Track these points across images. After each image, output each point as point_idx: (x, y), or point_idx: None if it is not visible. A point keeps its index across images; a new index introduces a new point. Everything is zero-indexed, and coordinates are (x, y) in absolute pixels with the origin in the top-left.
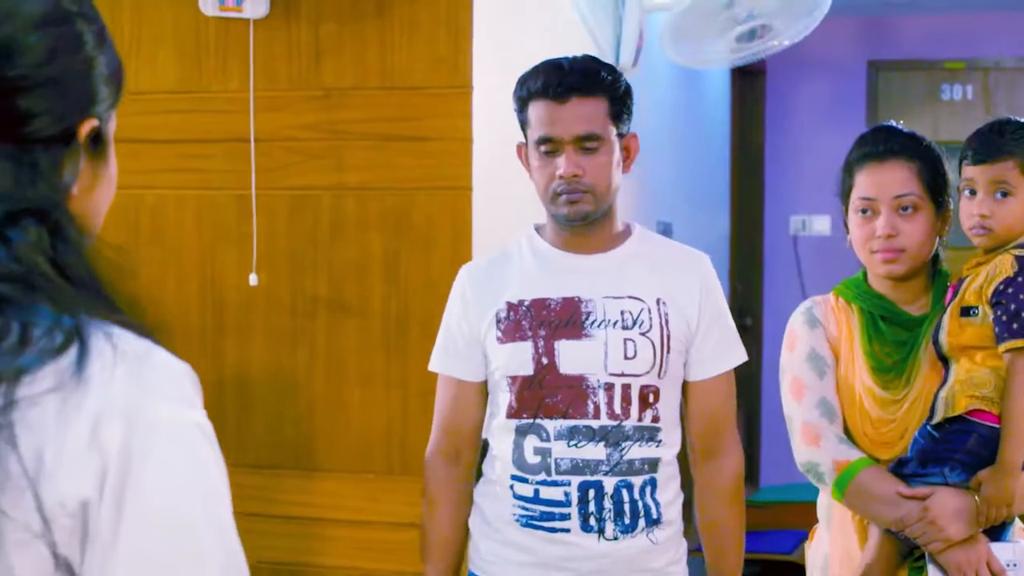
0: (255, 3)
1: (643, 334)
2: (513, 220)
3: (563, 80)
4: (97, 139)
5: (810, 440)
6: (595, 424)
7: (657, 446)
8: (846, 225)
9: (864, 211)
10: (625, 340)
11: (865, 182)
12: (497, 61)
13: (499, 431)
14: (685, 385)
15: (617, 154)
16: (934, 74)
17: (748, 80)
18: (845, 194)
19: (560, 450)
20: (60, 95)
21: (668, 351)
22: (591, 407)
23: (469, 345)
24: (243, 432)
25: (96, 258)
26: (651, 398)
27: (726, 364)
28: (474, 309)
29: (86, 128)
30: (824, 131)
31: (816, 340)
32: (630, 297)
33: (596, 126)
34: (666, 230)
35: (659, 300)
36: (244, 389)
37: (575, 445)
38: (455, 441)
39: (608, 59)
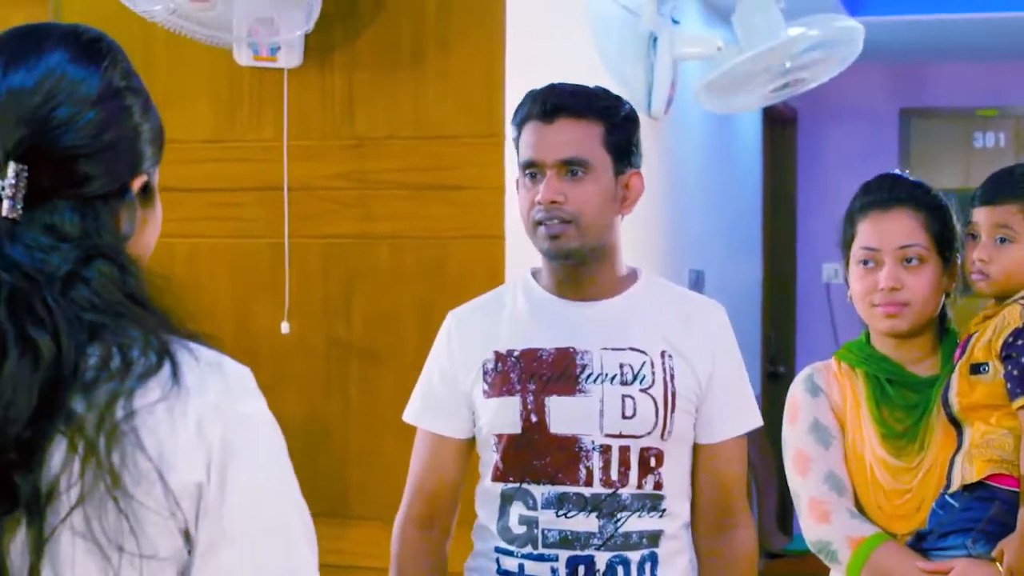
0: (289, 53)
1: (644, 390)
2: None
3: (550, 98)
4: (145, 189)
5: (819, 517)
6: (587, 492)
7: (660, 516)
8: (846, 280)
9: (866, 262)
10: (623, 397)
11: (868, 231)
12: None
13: (484, 496)
14: (695, 449)
15: (610, 187)
16: (966, 121)
17: (780, 128)
18: (846, 245)
19: (547, 520)
20: (114, 158)
21: (673, 410)
22: (583, 472)
23: (452, 398)
24: None
25: (153, 287)
26: (653, 462)
27: (741, 427)
28: (460, 359)
29: (137, 183)
30: (856, 179)
31: (819, 409)
32: (631, 349)
33: (583, 151)
34: (699, 278)
35: (664, 353)
36: None
37: (564, 515)
38: (429, 505)
39: (639, 108)
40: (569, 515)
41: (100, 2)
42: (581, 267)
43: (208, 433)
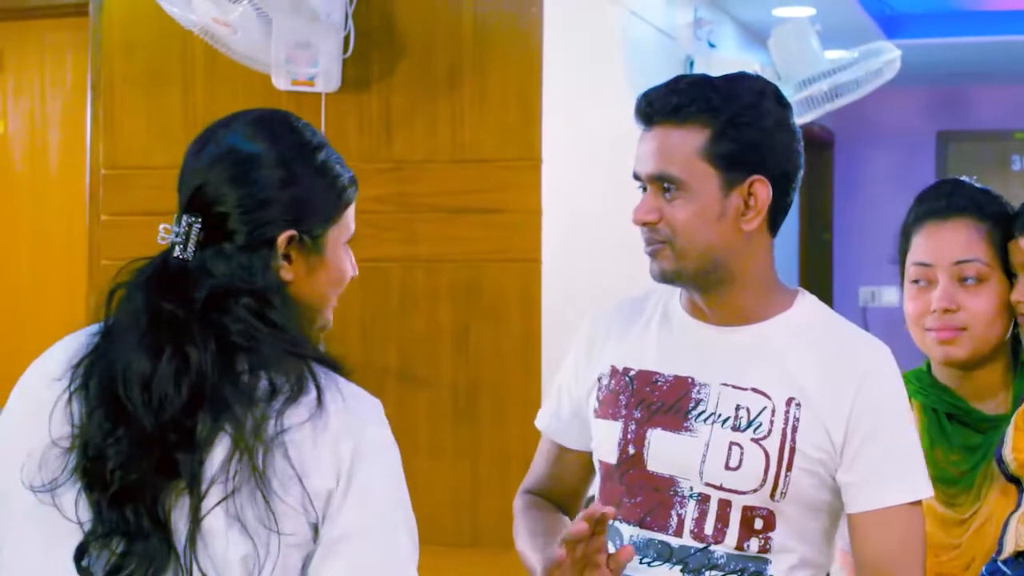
0: (327, 78)
1: (756, 440)
2: (583, 292)
3: (646, 99)
4: (303, 242)
5: (850, 568)
6: (674, 542)
7: None
8: (903, 300)
9: (917, 280)
10: (731, 444)
11: (921, 245)
12: (566, 134)
13: None
14: (849, 519)
15: (714, 205)
16: (1004, 144)
17: (816, 150)
18: (901, 261)
19: (631, 566)
20: (250, 220)
21: (789, 468)
22: (674, 520)
23: (576, 409)
24: None
25: (304, 321)
26: (759, 524)
27: (894, 496)
28: (583, 365)
29: (283, 238)
30: (893, 202)
31: None
32: (753, 390)
33: (671, 165)
34: None
35: (791, 400)
36: None
37: (647, 563)
38: (553, 488)
39: None
40: (652, 564)
41: (139, 25)
42: (705, 291)
43: (341, 448)
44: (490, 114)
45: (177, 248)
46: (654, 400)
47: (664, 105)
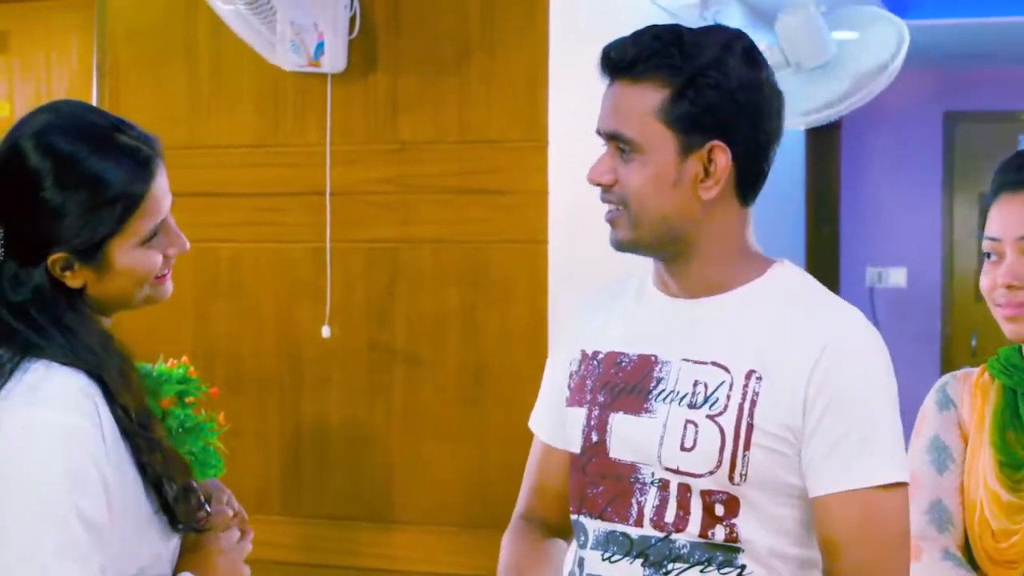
0: (333, 58)
1: (711, 417)
2: (589, 274)
3: (610, 54)
4: (87, 256)
5: (912, 553)
6: (634, 533)
7: (738, 574)
8: None
9: (989, 255)
10: (686, 423)
11: (993, 218)
12: (573, 114)
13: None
14: (812, 504)
15: (670, 170)
16: (1010, 125)
17: (823, 133)
18: (981, 235)
19: (593, 563)
20: (15, 242)
21: (747, 447)
22: (634, 508)
23: (558, 402)
24: (320, 484)
25: (89, 327)
26: (719, 509)
27: (856, 478)
28: (562, 356)
29: (52, 260)
30: (900, 183)
31: (944, 425)
32: (713, 364)
33: (626, 125)
34: None
35: (751, 373)
36: (321, 442)
37: (608, 559)
38: (540, 503)
39: None
40: (613, 559)
41: (144, 6)
42: (667, 262)
43: None
44: (497, 94)
45: None
46: (618, 382)
47: (621, 59)
